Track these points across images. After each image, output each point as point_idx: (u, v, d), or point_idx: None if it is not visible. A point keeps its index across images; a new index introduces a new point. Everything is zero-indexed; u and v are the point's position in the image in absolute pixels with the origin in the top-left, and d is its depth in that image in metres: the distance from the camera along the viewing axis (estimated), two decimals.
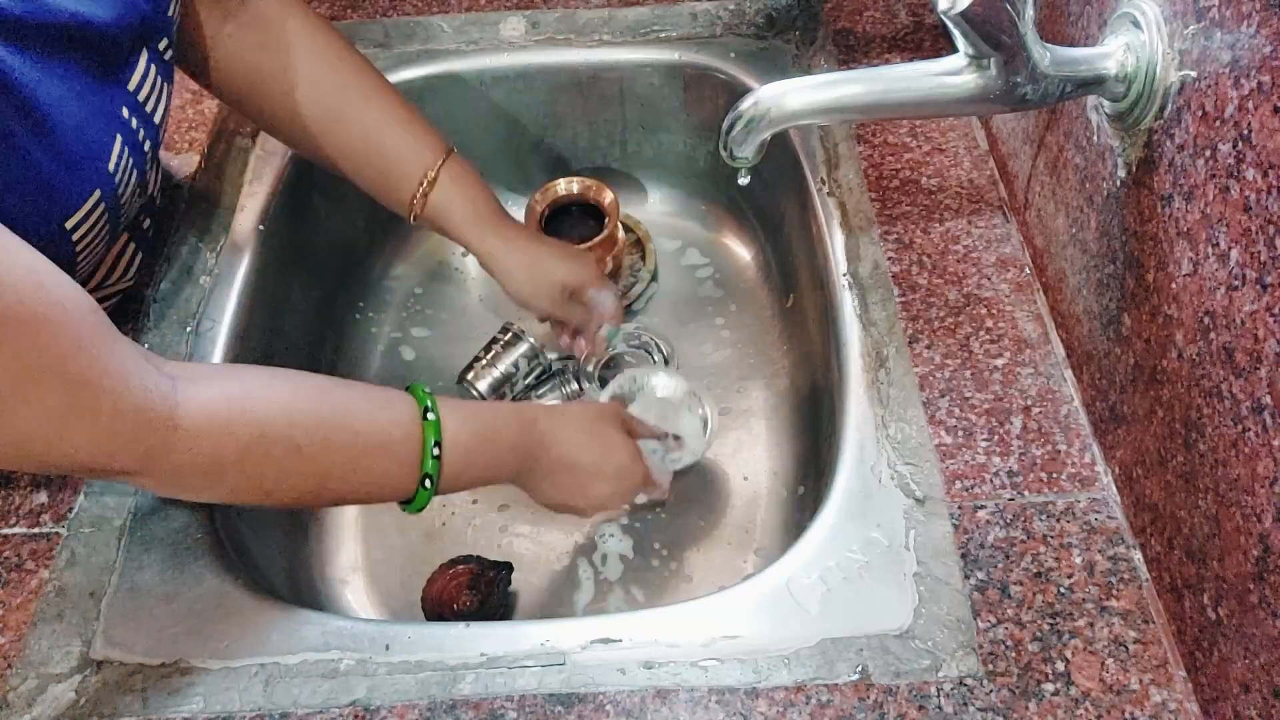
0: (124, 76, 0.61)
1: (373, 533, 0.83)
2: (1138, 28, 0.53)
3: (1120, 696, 0.53)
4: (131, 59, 0.61)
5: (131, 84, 0.61)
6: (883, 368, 0.67)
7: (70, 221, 0.56)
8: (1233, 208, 0.46)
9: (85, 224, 0.57)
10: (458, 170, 0.78)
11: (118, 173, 0.60)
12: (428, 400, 0.61)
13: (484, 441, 0.63)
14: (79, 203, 0.56)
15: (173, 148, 0.86)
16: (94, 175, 0.57)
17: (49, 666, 0.57)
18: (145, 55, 0.62)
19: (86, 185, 0.57)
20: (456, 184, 0.77)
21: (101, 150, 0.58)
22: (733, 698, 0.54)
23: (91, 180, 0.57)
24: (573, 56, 0.94)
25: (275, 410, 0.55)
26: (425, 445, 0.59)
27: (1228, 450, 0.48)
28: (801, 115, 0.58)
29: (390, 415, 0.59)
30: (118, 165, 0.59)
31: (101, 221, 0.59)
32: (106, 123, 0.59)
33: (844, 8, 0.93)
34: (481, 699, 0.55)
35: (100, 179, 0.58)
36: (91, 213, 0.58)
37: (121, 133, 0.60)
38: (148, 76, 0.63)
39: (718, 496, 0.83)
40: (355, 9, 0.98)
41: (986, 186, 0.78)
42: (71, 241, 0.57)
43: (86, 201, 0.57)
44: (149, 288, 0.76)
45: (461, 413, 0.62)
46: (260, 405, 0.54)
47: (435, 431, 0.60)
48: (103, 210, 0.59)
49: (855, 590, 0.58)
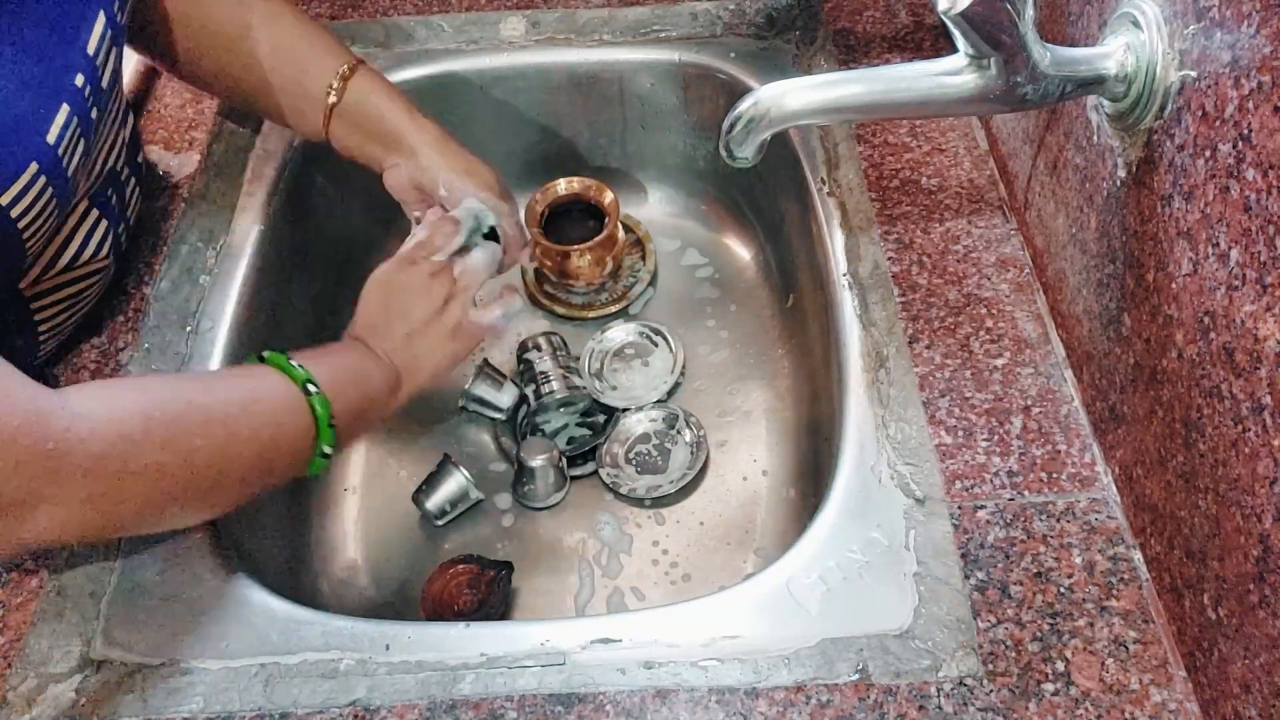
0: (80, 39, 0.59)
1: (373, 533, 0.83)
2: (1138, 28, 0.53)
3: (1120, 696, 0.53)
4: (88, 15, 0.60)
5: (90, 45, 0.60)
6: (883, 368, 0.67)
7: (5, 197, 0.54)
8: (1233, 208, 0.46)
9: (24, 199, 0.56)
10: (374, 70, 0.78)
11: (60, 144, 0.58)
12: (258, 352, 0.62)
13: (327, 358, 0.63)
14: (12, 177, 0.55)
15: (173, 147, 0.86)
16: (29, 147, 0.56)
17: (49, 666, 0.57)
18: (102, 16, 0.61)
19: (20, 158, 0.55)
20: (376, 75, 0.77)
21: (39, 121, 0.56)
22: (733, 698, 0.54)
23: (26, 153, 0.55)
24: (572, 56, 0.94)
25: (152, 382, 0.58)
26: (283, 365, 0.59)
27: (1228, 450, 0.48)
28: (801, 115, 0.58)
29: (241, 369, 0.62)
30: (61, 136, 0.58)
31: (45, 196, 0.57)
32: (51, 91, 0.57)
33: (844, 8, 0.93)
34: (481, 699, 0.55)
35: (37, 151, 0.56)
36: (30, 187, 0.56)
37: (70, 102, 0.58)
38: (104, 39, 0.61)
39: (718, 496, 0.83)
40: (355, 9, 0.98)
41: (986, 186, 0.78)
42: (11, 219, 0.55)
43: (22, 175, 0.55)
44: (149, 287, 0.76)
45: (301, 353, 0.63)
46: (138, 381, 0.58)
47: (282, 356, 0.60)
48: (44, 184, 0.57)
49: (855, 590, 0.58)
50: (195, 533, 0.63)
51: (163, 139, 0.86)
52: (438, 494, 0.81)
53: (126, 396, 0.53)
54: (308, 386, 0.59)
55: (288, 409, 0.59)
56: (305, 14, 0.78)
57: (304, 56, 0.75)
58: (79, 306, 0.70)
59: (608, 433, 0.86)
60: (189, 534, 0.63)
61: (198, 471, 0.54)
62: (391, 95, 0.77)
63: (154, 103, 0.90)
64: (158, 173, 0.84)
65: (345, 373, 0.64)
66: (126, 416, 0.51)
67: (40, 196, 0.57)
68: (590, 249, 0.91)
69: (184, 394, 0.55)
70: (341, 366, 0.64)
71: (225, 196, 0.83)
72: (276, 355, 0.60)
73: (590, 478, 0.85)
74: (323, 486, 0.85)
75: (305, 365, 0.60)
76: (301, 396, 0.59)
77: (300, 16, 0.77)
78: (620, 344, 0.92)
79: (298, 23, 0.76)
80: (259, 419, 0.57)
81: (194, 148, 0.86)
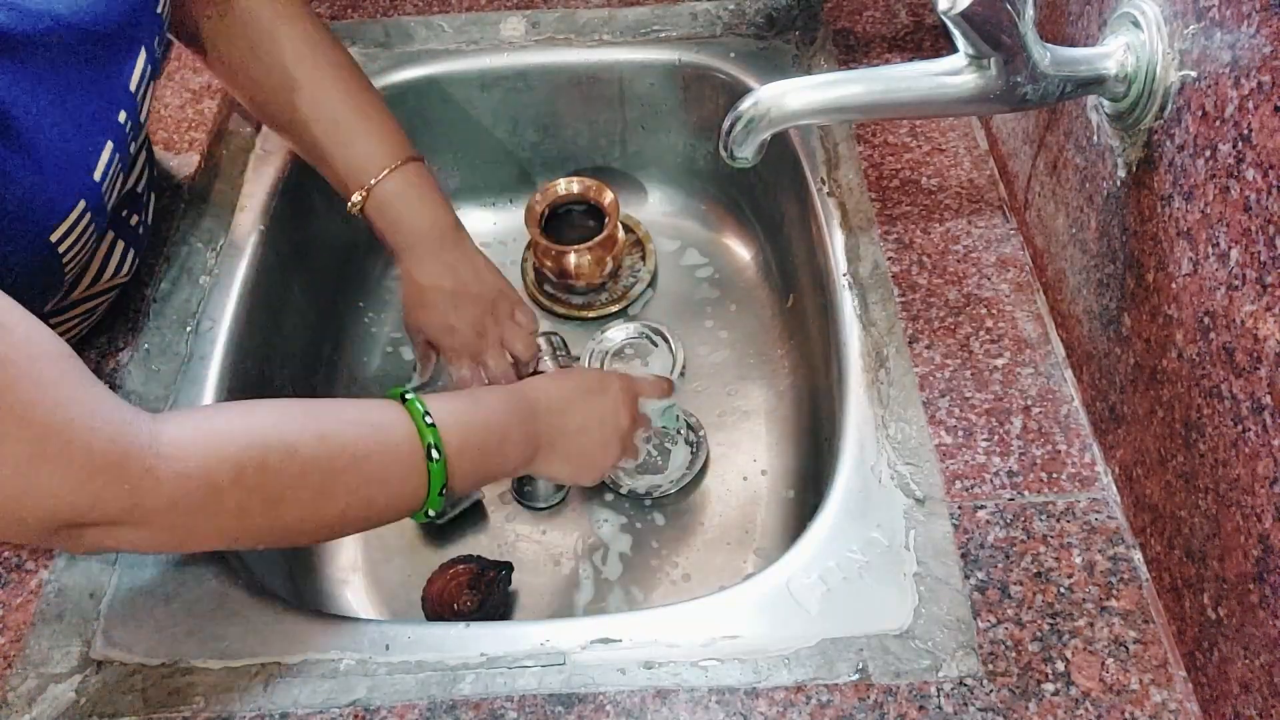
0: (123, 77, 0.60)
1: (373, 533, 0.83)
2: (1138, 28, 0.53)
3: (1120, 696, 0.53)
4: (130, 58, 0.60)
5: (133, 84, 0.61)
6: (883, 368, 0.67)
7: (55, 235, 0.55)
8: (1233, 208, 0.46)
9: (70, 235, 0.56)
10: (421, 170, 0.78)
11: (104, 180, 0.58)
12: (402, 389, 0.60)
13: (473, 412, 0.62)
14: (63, 215, 0.55)
15: (173, 148, 0.86)
16: (79, 186, 0.56)
17: (49, 666, 0.57)
18: (144, 54, 0.62)
19: (70, 198, 0.56)
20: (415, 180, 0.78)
21: (87, 160, 0.57)
22: (733, 698, 0.54)
23: (76, 192, 0.56)
24: (572, 56, 0.94)
25: (262, 421, 0.53)
26: (417, 421, 0.58)
27: (1228, 450, 0.48)
28: (801, 115, 0.58)
29: (367, 406, 0.59)
30: (105, 173, 0.58)
31: (88, 230, 0.58)
32: (99, 130, 0.58)
33: (844, 8, 0.93)
34: (481, 699, 0.55)
35: (85, 189, 0.57)
36: (77, 224, 0.56)
37: (114, 139, 0.59)
38: (145, 75, 0.62)
39: (718, 496, 0.83)
40: (355, 9, 0.98)
41: (986, 186, 0.78)
42: (58, 254, 0.56)
43: (71, 213, 0.56)
44: (149, 287, 0.76)
45: (438, 398, 0.61)
46: (245, 420, 0.53)
47: (422, 406, 0.58)
48: (89, 220, 0.57)
49: (855, 590, 0.58)
50: None
51: (163, 139, 0.86)
52: None
53: (226, 437, 0.51)
54: (431, 452, 0.57)
55: (400, 472, 0.57)
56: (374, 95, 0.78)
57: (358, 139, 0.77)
58: (91, 320, 0.71)
59: None
60: None
61: (282, 523, 0.54)
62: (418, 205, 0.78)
63: (154, 103, 0.89)
64: (158, 173, 0.84)
65: (479, 436, 0.62)
66: (217, 464, 0.50)
67: (85, 231, 0.57)
68: (590, 249, 0.91)
69: (289, 439, 0.53)
70: (480, 427, 0.62)
71: (225, 196, 0.83)
72: (414, 403, 0.59)
73: None
74: None
75: (441, 421, 0.58)
76: (420, 460, 0.57)
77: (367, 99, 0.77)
78: (620, 344, 0.92)
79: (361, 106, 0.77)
80: (363, 476, 0.56)
81: (194, 148, 0.86)
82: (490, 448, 0.62)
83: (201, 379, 0.71)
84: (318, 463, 0.54)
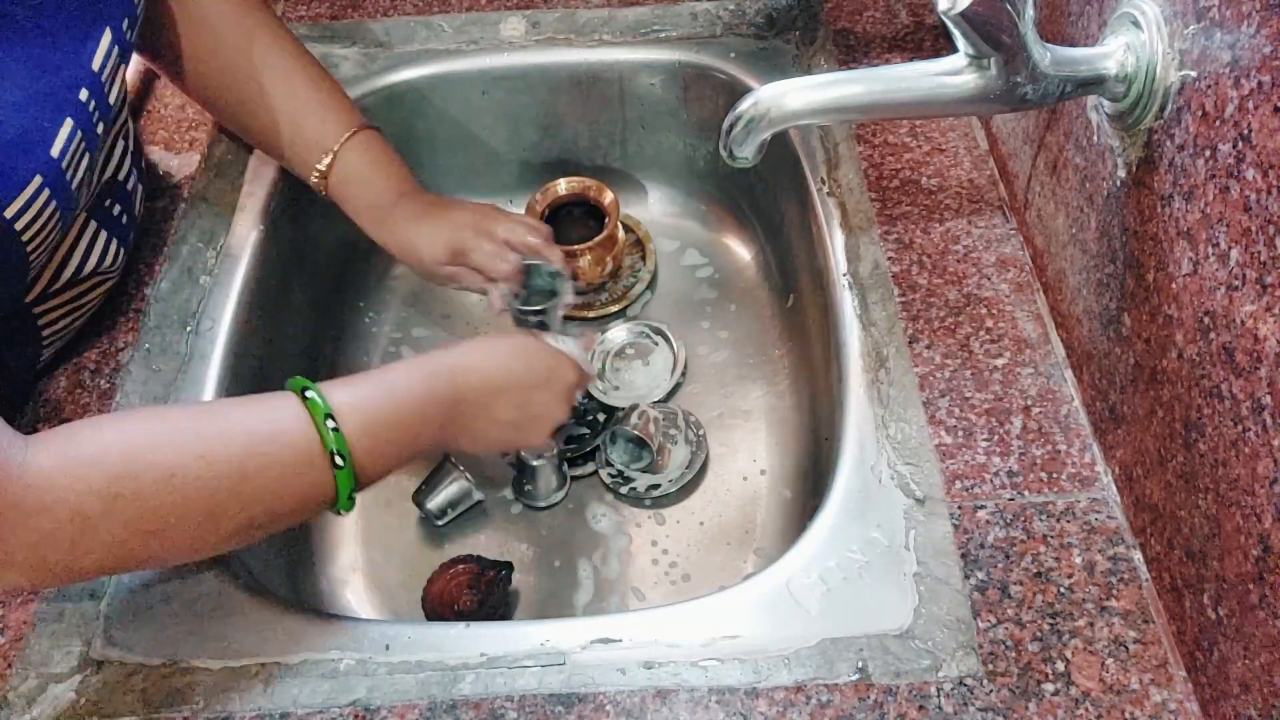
0: (84, 54, 0.59)
1: (373, 533, 0.83)
2: (1138, 28, 0.53)
3: (1120, 696, 0.53)
4: (93, 32, 0.60)
5: (95, 62, 0.60)
6: (883, 368, 0.67)
7: (10, 210, 0.54)
8: (1233, 208, 0.46)
9: (28, 212, 0.55)
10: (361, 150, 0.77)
11: (64, 157, 0.57)
12: (303, 383, 0.55)
13: (385, 401, 0.57)
14: (16, 190, 0.54)
15: (173, 148, 0.86)
16: (34, 162, 0.55)
17: (49, 666, 0.57)
18: (109, 33, 0.61)
19: (24, 172, 0.54)
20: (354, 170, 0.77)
21: (44, 135, 0.56)
22: (733, 698, 0.54)
23: (30, 166, 0.55)
24: (573, 56, 0.93)
25: (137, 444, 0.49)
26: (318, 423, 0.53)
27: (1228, 450, 0.48)
28: (801, 115, 0.58)
29: (265, 407, 0.54)
30: (64, 149, 0.57)
31: (49, 209, 0.56)
32: (56, 105, 0.57)
33: (844, 8, 0.93)
34: (481, 699, 0.55)
35: (41, 165, 0.55)
36: (34, 200, 0.55)
37: (74, 115, 0.58)
38: (110, 55, 0.61)
39: (718, 496, 0.83)
40: (355, 9, 0.98)
41: (986, 186, 0.78)
42: (15, 233, 0.55)
43: (26, 188, 0.54)
44: (149, 287, 0.76)
45: (346, 385, 0.57)
46: (119, 443, 0.48)
47: (324, 406, 0.53)
48: (48, 197, 0.56)
49: (855, 590, 0.58)
50: None
51: (163, 139, 0.86)
52: (438, 494, 0.81)
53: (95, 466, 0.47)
54: (335, 459, 0.53)
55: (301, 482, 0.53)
56: (318, 71, 0.78)
57: (305, 122, 0.76)
58: (82, 313, 0.70)
59: None
60: None
61: (167, 550, 0.51)
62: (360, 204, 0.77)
63: (154, 103, 0.90)
64: (158, 173, 0.84)
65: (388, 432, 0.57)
66: (85, 496, 0.46)
67: (44, 209, 0.56)
68: (590, 249, 0.91)
69: (166, 462, 0.49)
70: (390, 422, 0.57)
71: (225, 197, 0.83)
72: (315, 403, 0.53)
73: (590, 478, 0.85)
74: None
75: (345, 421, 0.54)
76: (324, 466, 0.53)
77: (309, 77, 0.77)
78: (621, 344, 0.92)
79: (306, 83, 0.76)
80: (256, 492, 0.51)
81: (194, 148, 0.86)
82: (403, 441, 0.58)
83: (201, 379, 0.71)
84: (200, 486, 0.49)
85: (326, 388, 0.55)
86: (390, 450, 0.58)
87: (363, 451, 0.55)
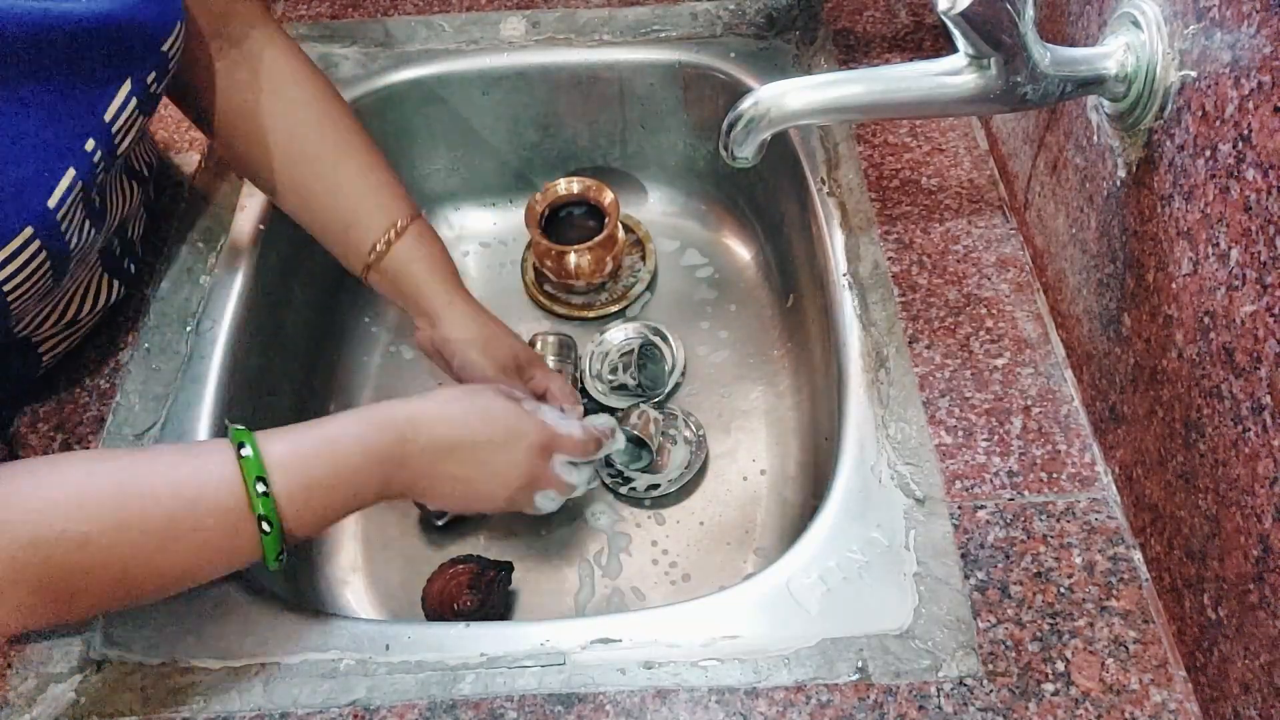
0: (100, 103, 0.57)
1: (373, 533, 0.83)
2: (1138, 28, 0.53)
3: (1120, 696, 0.53)
4: (110, 86, 0.57)
5: (109, 113, 0.57)
6: (883, 368, 0.67)
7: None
8: (1233, 208, 0.46)
9: (13, 263, 0.52)
10: (425, 230, 0.75)
11: (60, 209, 0.55)
12: (242, 436, 0.53)
13: (325, 458, 0.55)
14: (4, 240, 0.51)
15: (173, 148, 0.86)
16: (27, 210, 0.52)
17: (49, 666, 0.57)
18: (129, 84, 0.58)
19: (14, 221, 0.52)
20: (423, 240, 0.74)
21: (41, 184, 0.53)
22: (733, 698, 0.54)
23: (22, 216, 0.52)
24: (573, 56, 0.94)
25: (46, 507, 0.47)
26: (248, 484, 0.51)
27: (1228, 450, 0.48)
28: (801, 115, 0.58)
29: (198, 464, 0.52)
30: (62, 200, 0.55)
31: (37, 261, 0.54)
32: (58, 154, 0.54)
33: (844, 8, 0.93)
34: (481, 699, 0.55)
35: (35, 215, 0.53)
36: (20, 252, 0.52)
37: (77, 167, 0.55)
38: (127, 106, 0.59)
39: (718, 496, 0.83)
40: (355, 9, 0.98)
41: (986, 186, 0.78)
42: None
43: (13, 239, 0.52)
44: (149, 287, 0.76)
45: (288, 437, 0.54)
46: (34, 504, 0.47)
47: (257, 466, 0.52)
48: (38, 248, 0.53)
49: (855, 590, 0.58)
50: None
51: (163, 139, 0.86)
52: None
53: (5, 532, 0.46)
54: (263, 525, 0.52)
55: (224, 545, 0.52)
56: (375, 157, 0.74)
57: (358, 207, 0.72)
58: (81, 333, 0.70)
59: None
60: None
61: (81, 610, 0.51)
62: (433, 267, 0.74)
63: None
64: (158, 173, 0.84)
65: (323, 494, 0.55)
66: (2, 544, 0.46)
67: (32, 261, 0.54)
68: (590, 249, 0.91)
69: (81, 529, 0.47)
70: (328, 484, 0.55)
71: (225, 196, 0.83)
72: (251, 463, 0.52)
73: None
74: None
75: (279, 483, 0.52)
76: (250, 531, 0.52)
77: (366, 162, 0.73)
78: (621, 343, 0.92)
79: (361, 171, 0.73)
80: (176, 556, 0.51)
81: (194, 148, 0.86)
82: (338, 502, 0.56)
83: (202, 379, 0.71)
84: (116, 553, 0.49)
85: (265, 440, 0.53)
86: (324, 511, 0.56)
87: (293, 514, 0.53)
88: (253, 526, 0.52)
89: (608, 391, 0.88)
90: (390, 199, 0.73)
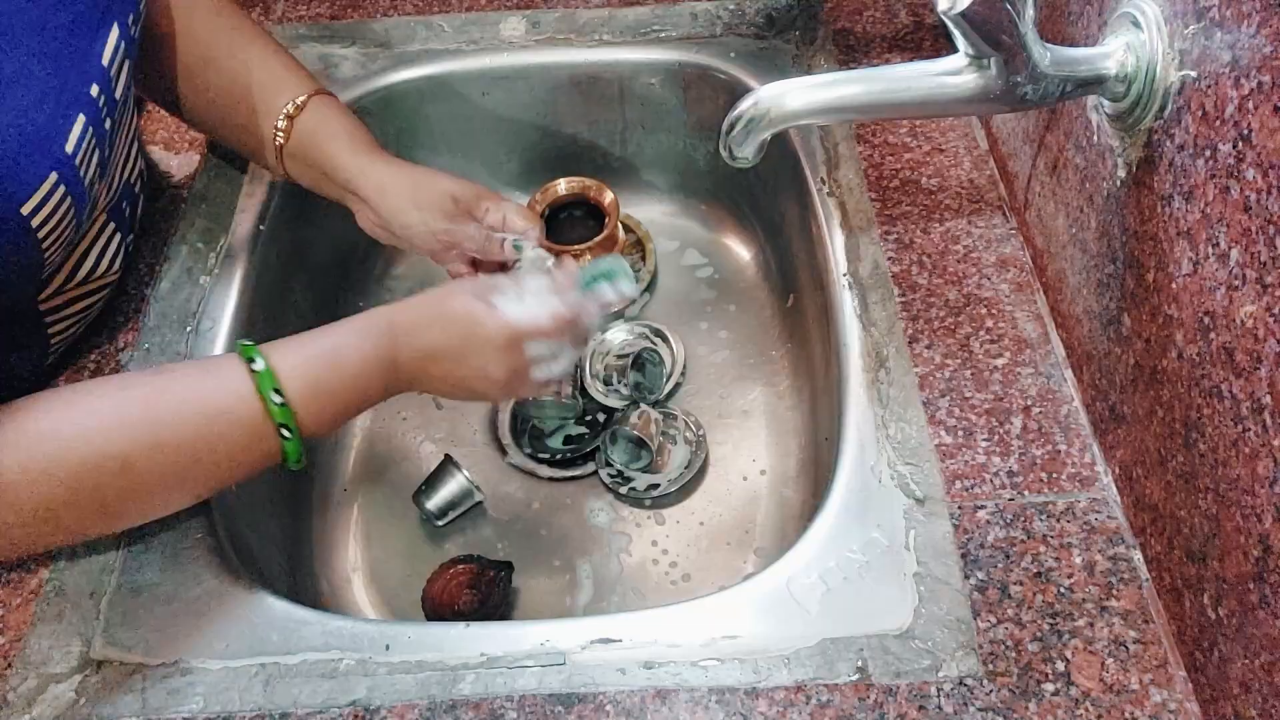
0: (96, 48, 0.59)
1: (373, 533, 0.83)
2: (1138, 27, 0.53)
3: (1120, 696, 0.53)
4: (102, 31, 0.59)
5: (105, 56, 0.59)
6: (883, 368, 0.67)
7: (27, 206, 0.53)
8: (1233, 208, 0.46)
9: (44, 209, 0.55)
10: (329, 101, 0.74)
11: (78, 154, 0.57)
12: (251, 352, 0.57)
13: (332, 367, 0.59)
14: (34, 186, 0.54)
15: (173, 148, 0.86)
16: (49, 157, 0.55)
17: (49, 666, 0.57)
18: (116, 28, 0.61)
19: (41, 168, 0.54)
20: (327, 110, 0.73)
21: (57, 131, 0.56)
22: (733, 698, 0.54)
23: (45, 162, 0.54)
24: (573, 56, 0.93)
25: (92, 432, 0.52)
26: (265, 398, 0.56)
27: (1228, 450, 0.48)
28: (801, 115, 0.58)
29: (216, 381, 0.56)
30: (78, 146, 0.57)
31: (64, 206, 0.56)
32: (70, 100, 0.57)
33: (844, 8, 0.93)
34: (481, 699, 0.55)
35: (56, 161, 0.55)
36: (50, 197, 0.55)
37: (86, 112, 0.58)
38: (118, 51, 0.61)
39: (717, 496, 0.83)
40: (355, 9, 0.98)
41: (986, 186, 0.78)
42: (32, 229, 0.55)
43: (42, 185, 0.54)
44: (149, 287, 0.76)
45: (292, 347, 0.59)
46: (74, 433, 0.52)
47: (270, 380, 0.56)
48: (64, 194, 0.56)
49: (855, 590, 0.58)
50: (195, 533, 0.63)
51: (163, 139, 0.86)
52: (438, 494, 0.81)
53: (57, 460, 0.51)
54: (283, 432, 0.56)
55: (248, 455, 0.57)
56: (271, 43, 0.75)
57: (257, 95, 0.73)
58: (88, 317, 0.71)
59: None
60: (189, 534, 0.63)
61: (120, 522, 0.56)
62: (337, 132, 0.73)
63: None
64: (158, 173, 0.84)
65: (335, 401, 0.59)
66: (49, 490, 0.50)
67: (60, 206, 0.56)
68: (590, 249, 0.91)
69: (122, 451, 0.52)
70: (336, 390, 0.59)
71: (225, 196, 0.83)
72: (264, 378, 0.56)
73: (590, 478, 0.85)
74: (322, 487, 0.85)
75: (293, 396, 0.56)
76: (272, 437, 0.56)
77: (264, 48, 0.74)
78: (621, 344, 0.92)
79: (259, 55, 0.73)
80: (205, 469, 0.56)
81: (194, 148, 0.86)
82: (349, 401, 0.60)
83: None
84: (154, 471, 0.54)
85: (272, 352, 0.57)
86: (337, 413, 0.60)
87: (309, 419, 0.58)
88: (274, 432, 0.57)
89: (607, 392, 0.88)
90: (288, 77, 0.73)
